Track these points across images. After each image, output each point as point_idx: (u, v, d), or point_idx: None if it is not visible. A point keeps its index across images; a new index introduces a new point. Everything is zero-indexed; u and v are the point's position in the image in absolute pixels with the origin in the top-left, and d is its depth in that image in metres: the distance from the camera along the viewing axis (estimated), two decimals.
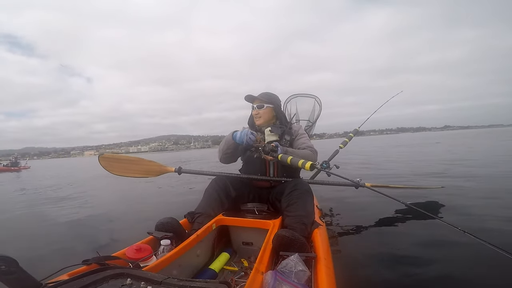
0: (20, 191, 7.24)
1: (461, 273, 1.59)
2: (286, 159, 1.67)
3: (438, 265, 1.68)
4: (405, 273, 1.63)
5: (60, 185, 7.95)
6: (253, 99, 2.04)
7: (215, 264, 1.48)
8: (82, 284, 0.80)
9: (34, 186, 8.10)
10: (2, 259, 0.69)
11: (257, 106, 1.99)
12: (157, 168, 2.41)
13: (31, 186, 8.41)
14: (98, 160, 2.36)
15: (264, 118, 2.01)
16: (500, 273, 1.54)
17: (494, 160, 6.88)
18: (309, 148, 1.91)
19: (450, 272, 1.60)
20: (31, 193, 6.54)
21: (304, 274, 1.09)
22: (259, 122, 2.02)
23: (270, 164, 1.95)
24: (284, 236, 1.26)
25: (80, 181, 8.91)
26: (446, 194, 3.27)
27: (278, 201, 1.79)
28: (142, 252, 1.26)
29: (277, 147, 1.76)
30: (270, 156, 1.75)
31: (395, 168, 6.56)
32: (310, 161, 1.60)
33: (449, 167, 5.86)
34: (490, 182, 4.06)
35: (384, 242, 2.09)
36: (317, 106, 3.08)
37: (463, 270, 1.62)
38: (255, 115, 2.02)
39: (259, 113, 2.00)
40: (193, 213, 1.73)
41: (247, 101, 2.06)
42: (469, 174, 4.75)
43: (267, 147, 1.76)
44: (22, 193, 6.74)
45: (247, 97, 2.03)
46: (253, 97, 2.03)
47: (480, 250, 1.71)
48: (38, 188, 7.44)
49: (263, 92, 2.06)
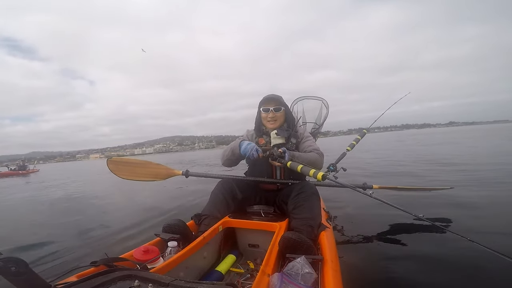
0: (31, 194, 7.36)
1: (468, 280, 1.56)
2: (295, 167, 1.62)
3: (446, 271, 1.65)
4: (412, 278, 1.60)
5: (68, 186, 8.07)
6: (270, 102, 1.95)
7: (222, 266, 1.48)
8: (91, 285, 0.81)
9: (44, 189, 8.23)
10: (12, 260, 0.70)
11: (275, 109, 1.92)
12: (164, 171, 2.43)
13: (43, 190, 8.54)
14: (107, 164, 2.38)
15: (280, 122, 1.97)
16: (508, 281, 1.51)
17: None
18: (315, 151, 1.89)
19: (457, 280, 1.57)
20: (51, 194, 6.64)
21: (311, 276, 1.08)
22: (274, 126, 1.96)
23: (277, 167, 1.94)
24: (291, 238, 1.25)
25: (88, 183, 9.03)
26: (455, 196, 3.22)
27: (285, 203, 1.78)
28: (150, 253, 1.27)
29: (285, 152, 1.74)
30: (277, 162, 1.74)
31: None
32: (321, 172, 1.55)
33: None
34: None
35: (392, 246, 2.06)
36: (324, 108, 3.06)
37: (471, 278, 1.58)
38: (271, 118, 1.94)
39: (276, 115, 1.94)
40: (200, 215, 1.73)
41: (262, 104, 1.96)
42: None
43: (275, 152, 1.74)
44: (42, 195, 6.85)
45: (264, 99, 1.95)
46: (271, 100, 1.94)
47: (487, 257, 1.68)
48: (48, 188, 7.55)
49: (274, 94, 1.99)
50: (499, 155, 7.44)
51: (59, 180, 11.81)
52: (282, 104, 1.97)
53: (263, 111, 1.98)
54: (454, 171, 5.17)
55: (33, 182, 12.26)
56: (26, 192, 7.90)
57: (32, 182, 12.73)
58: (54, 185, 9.29)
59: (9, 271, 0.69)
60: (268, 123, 1.98)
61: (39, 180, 13.11)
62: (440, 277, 1.58)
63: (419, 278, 1.60)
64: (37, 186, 9.93)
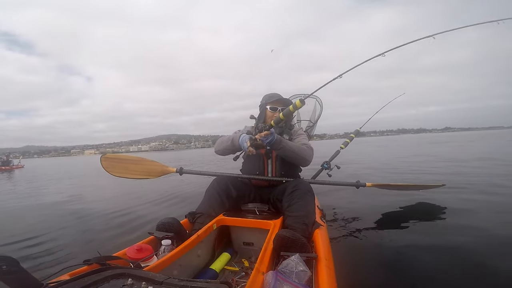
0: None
1: (461, 274, 1.58)
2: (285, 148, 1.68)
3: (439, 266, 1.68)
4: (405, 274, 1.63)
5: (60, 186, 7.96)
6: (279, 102, 2.02)
7: (216, 264, 1.48)
8: (83, 284, 0.80)
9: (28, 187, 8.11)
10: (3, 259, 0.69)
11: (282, 110, 1.95)
12: (158, 168, 2.41)
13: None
14: (100, 161, 2.35)
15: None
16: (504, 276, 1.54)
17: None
18: (305, 146, 1.92)
19: (451, 274, 1.59)
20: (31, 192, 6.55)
21: (305, 274, 1.09)
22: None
23: (268, 163, 1.95)
24: (285, 236, 1.26)
25: (81, 180, 8.93)
26: (447, 193, 3.28)
27: (279, 201, 1.79)
28: (143, 252, 1.26)
29: (272, 133, 1.74)
30: (263, 142, 1.73)
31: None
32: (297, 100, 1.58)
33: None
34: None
35: (385, 242, 2.09)
36: (318, 106, 3.07)
37: (464, 271, 1.61)
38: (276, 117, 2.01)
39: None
40: (194, 213, 1.73)
41: (272, 103, 2.02)
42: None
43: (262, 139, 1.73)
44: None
45: (273, 98, 2.01)
46: (281, 101, 2.02)
47: (480, 251, 1.71)
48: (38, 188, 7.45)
49: (279, 94, 2.06)
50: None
51: (49, 178, 11.59)
52: (287, 105, 2.01)
53: (271, 109, 2.01)
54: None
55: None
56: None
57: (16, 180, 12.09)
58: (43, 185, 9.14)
59: (0, 269, 0.68)
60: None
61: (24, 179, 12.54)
62: (434, 273, 1.60)
63: (413, 274, 1.62)
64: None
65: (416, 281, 1.55)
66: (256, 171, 1.96)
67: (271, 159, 1.96)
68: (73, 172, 14.02)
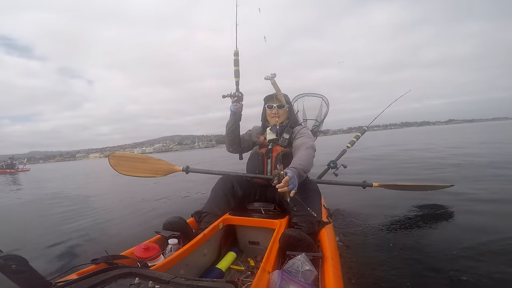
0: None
1: (470, 275, 1.56)
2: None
3: (446, 266, 1.65)
4: (412, 274, 1.61)
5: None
6: (273, 99, 1.99)
7: (222, 264, 1.49)
8: (91, 283, 0.81)
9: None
10: (12, 258, 0.70)
11: (278, 106, 1.99)
12: (165, 167, 2.43)
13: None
14: (108, 159, 2.39)
15: (282, 118, 2.02)
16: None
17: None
18: (305, 150, 1.73)
19: (459, 275, 1.57)
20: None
21: (311, 273, 1.08)
22: (276, 122, 2.01)
23: (268, 162, 1.95)
24: (291, 235, 1.25)
25: (89, 182, 9.04)
26: (457, 193, 3.22)
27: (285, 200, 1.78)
28: (150, 251, 1.27)
29: (291, 177, 1.35)
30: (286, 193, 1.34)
31: None
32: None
33: None
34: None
35: (392, 242, 2.06)
36: (324, 105, 3.05)
37: (474, 273, 1.58)
38: (275, 114, 2.00)
39: (279, 112, 1.99)
40: (200, 212, 1.74)
41: (267, 101, 2.03)
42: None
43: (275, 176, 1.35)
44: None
45: (269, 96, 2.00)
46: (274, 97, 1.98)
47: (491, 252, 1.68)
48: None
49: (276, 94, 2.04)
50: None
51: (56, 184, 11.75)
52: (287, 102, 2.02)
53: (268, 107, 2.03)
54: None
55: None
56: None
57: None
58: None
59: (9, 268, 0.69)
60: (272, 119, 2.02)
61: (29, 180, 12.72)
62: (442, 274, 1.58)
63: (419, 273, 1.60)
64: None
65: (423, 282, 1.53)
66: (255, 169, 1.96)
67: (271, 158, 1.95)
68: (81, 176, 14.16)
